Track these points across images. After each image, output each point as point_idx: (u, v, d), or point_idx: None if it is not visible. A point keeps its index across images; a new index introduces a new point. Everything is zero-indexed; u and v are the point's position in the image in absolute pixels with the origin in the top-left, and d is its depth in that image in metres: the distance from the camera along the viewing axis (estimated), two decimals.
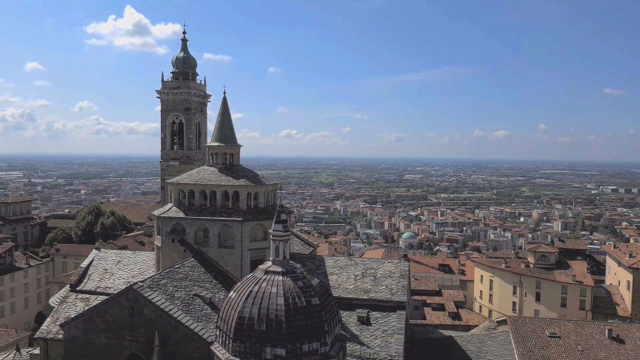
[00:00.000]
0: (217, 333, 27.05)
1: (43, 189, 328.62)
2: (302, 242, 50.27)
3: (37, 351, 37.76)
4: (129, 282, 37.29)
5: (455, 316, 56.63)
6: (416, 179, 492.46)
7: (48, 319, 38.15)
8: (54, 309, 39.18)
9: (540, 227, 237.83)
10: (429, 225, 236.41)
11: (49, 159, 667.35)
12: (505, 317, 44.42)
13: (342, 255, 77.15)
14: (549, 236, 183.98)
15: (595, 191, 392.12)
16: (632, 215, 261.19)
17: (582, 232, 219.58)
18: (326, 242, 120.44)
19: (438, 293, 61.89)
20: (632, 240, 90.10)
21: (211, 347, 27.41)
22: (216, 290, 35.97)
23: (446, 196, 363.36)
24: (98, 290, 40.19)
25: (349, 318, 34.91)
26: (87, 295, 39.70)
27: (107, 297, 34.37)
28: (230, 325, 25.59)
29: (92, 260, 43.59)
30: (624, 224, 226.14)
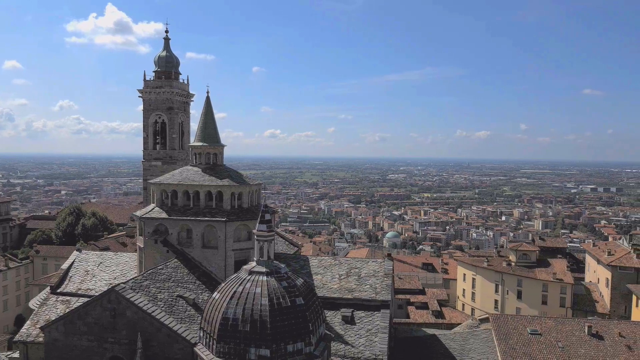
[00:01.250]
0: (201, 334, 26.91)
1: (22, 190, 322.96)
2: (287, 242, 50.24)
3: (16, 355, 37.15)
4: (111, 284, 36.93)
5: (439, 314, 57.12)
6: (400, 178, 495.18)
7: (28, 322, 37.53)
8: (34, 312, 38.55)
9: (521, 226, 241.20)
10: (413, 225, 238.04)
11: (28, 159, 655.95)
12: (487, 315, 44.95)
13: (326, 255, 77.25)
14: (530, 235, 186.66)
15: (575, 190, 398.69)
16: (610, 213, 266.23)
17: (562, 231, 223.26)
18: (310, 242, 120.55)
19: (421, 292, 62.37)
20: (610, 239, 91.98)
21: (195, 348, 27.24)
22: (200, 291, 35.76)
23: (429, 196, 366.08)
24: (79, 292, 39.67)
25: (334, 317, 34.99)
26: (68, 298, 39.13)
27: (88, 299, 33.92)
28: (214, 326, 25.47)
29: (73, 261, 43.01)
30: (603, 222, 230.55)
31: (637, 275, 58.68)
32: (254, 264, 27.75)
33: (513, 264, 68.42)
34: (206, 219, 39.14)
